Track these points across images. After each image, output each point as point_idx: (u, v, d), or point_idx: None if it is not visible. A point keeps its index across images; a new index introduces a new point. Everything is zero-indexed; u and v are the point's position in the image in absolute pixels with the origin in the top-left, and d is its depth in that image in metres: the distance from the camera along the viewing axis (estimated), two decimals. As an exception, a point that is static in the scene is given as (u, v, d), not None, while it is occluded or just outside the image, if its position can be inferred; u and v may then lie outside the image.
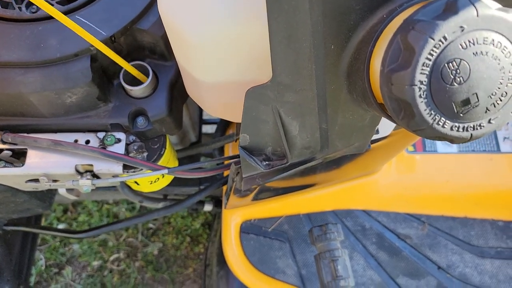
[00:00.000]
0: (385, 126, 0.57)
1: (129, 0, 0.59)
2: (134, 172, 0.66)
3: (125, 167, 0.65)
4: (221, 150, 1.01)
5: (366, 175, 0.93)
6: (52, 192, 0.86)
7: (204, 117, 1.07)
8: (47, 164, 0.62)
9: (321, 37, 0.36)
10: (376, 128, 0.50)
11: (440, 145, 0.97)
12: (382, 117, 0.48)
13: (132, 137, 0.66)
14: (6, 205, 0.77)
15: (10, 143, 0.63)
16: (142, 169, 0.65)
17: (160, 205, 1.00)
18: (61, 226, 1.49)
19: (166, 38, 0.61)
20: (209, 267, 1.19)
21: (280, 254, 0.89)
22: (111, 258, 1.45)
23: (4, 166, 0.63)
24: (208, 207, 1.07)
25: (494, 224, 0.95)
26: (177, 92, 0.67)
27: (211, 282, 1.16)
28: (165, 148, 0.69)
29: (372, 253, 0.90)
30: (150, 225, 1.48)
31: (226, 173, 0.95)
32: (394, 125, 0.57)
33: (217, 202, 1.09)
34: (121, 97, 0.64)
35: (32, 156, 0.63)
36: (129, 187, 0.95)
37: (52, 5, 0.58)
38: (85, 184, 0.63)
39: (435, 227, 0.93)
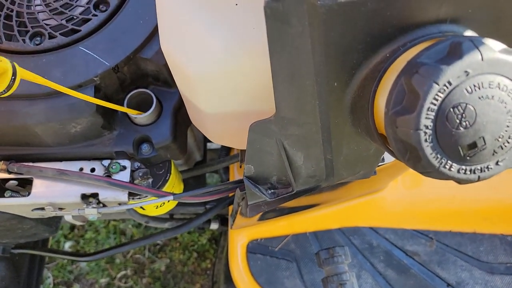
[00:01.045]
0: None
1: (132, 30, 0.59)
2: (139, 198, 0.66)
3: (131, 194, 0.64)
4: (227, 167, 1.00)
5: (373, 192, 0.93)
6: (58, 217, 0.86)
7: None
8: (52, 193, 0.62)
9: (324, 75, 0.35)
10: (382, 157, 0.50)
11: (446, 160, 0.96)
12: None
13: (137, 164, 0.66)
14: (13, 232, 0.77)
15: (16, 173, 0.63)
16: (147, 196, 0.65)
17: (167, 225, 0.99)
18: (68, 244, 1.49)
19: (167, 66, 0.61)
20: (216, 285, 1.19)
21: (287, 274, 0.88)
22: (119, 275, 1.45)
23: (11, 196, 0.64)
24: (214, 226, 1.07)
25: (503, 239, 0.93)
26: (181, 118, 0.67)
27: (219, 300, 1.16)
28: (170, 174, 0.68)
29: (380, 271, 0.89)
30: (157, 242, 1.48)
31: (232, 193, 0.95)
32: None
33: (223, 220, 1.09)
34: (126, 124, 0.64)
35: (38, 185, 0.63)
36: (134, 210, 0.95)
37: (56, 36, 0.58)
38: (91, 213, 0.62)
39: (443, 243, 0.92)
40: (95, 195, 0.63)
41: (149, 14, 0.60)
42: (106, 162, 0.64)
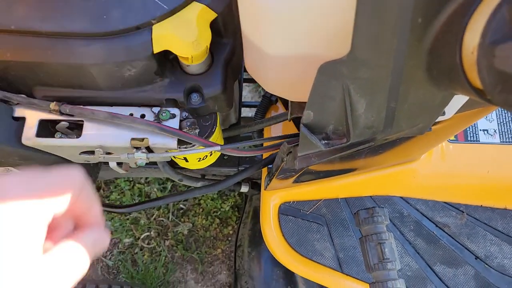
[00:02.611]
0: (451, 108, 0.55)
1: (191, -24, 0.58)
2: (186, 148, 0.66)
3: (179, 142, 0.65)
4: (260, 133, 1.00)
5: (406, 162, 0.92)
6: (97, 167, 0.87)
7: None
8: (103, 136, 0.63)
9: (410, 9, 0.34)
10: (443, 110, 0.49)
11: (482, 135, 0.94)
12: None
13: (184, 114, 0.66)
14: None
15: (67, 115, 0.63)
16: (194, 145, 0.65)
17: (199, 184, 1.00)
18: (94, 203, 1.51)
19: (224, 15, 0.60)
20: (240, 248, 1.20)
21: (318, 236, 0.89)
22: (142, 236, 1.47)
23: (61, 137, 0.64)
24: (244, 188, 1.07)
25: (534, 216, 0.92)
26: (230, 70, 0.67)
27: (243, 263, 1.17)
28: (216, 126, 0.68)
29: (409, 240, 0.89)
30: (181, 206, 1.49)
31: (265, 155, 0.95)
32: (458, 107, 0.55)
33: (253, 184, 1.09)
34: (177, 73, 0.64)
35: (89, 128, 0.63)
36: (169, 165, 0.95)
37: (116, -21, 0.57)
38: (140, 157, 0.63)
39: (473, 217, 0.92)
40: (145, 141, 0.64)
41: (208, -40, 0.59)
42: (156, 109, 0.64)
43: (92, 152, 0.67)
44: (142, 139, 0.64)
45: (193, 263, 1.44)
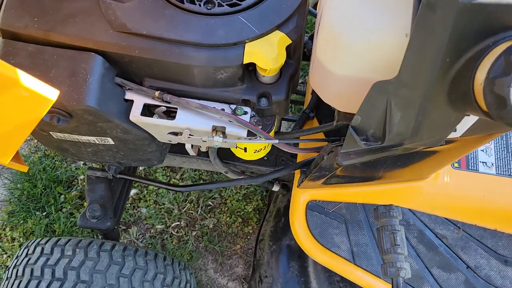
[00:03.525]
0: (460, 127, 0.71)
1: (278, 9, 0.77)
2: (251, 138, 0.83)
3: (247, 133, 0.82)
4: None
5: (417, 180, 1.08)
6: (166, 150, 1.04)
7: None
8: (192, 121, 0.80)
9: (443, 52, 0.52)
10: (455, 128, 0.66)
11: (481, 166, 1.10)
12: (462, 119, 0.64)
13: (253, 113, 0.83)
14: (137, 153, 0.95)
15: (166, 102, 0.81)
16: (258, 137, 0.82)
17: (241, 177, 1.16)
18: (133, 191, 1.67)
19: (296, 42, 0.79)
20: (262, 242, 1.35)
21: (337, 231, 1.04)
22: (173, 224, 1.62)
23: (158, 118, 0.82)
24: (276, 187, 1.23)
25: (519, 240, 1.07)
26: (292, 85, 0.84)
27: (263, 254, 1.32)
28: (274, 126, 0.86)
29: (413, 245, 1.04)
30: (209, 203, 1.65)
31: (299, 158, 1.12)
32: (466, 128, 0.72)
33: (283, 185, 1.25)
34: (253, 81, 0.82)
35: (181, 114, 0.81)
36: (219, 160, 1.12)
37: (223, 5, 0.76)
38: (217, 140, 0.80)
39: (468, 233, 1.07)
40: (222, 128, 0.81)
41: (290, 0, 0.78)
42: (233, 106, 0.81)
43: (177, 134, 0.84)
44: (221, 127, 0.81)
45: (214, 255, 1.58)
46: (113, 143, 0.90)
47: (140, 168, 1.73)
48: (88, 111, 0.75)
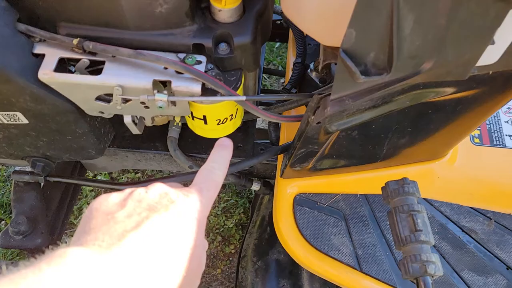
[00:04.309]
0: (498, 46, 0.52)
1: None
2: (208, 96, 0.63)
3: (203, 92, 0.62)
4: (276, 126, 0.97)
5: (431, 160, 0.88)
6: (108, 137, 0.83)
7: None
8: (124, 76, 0.60)
9: None
10: (492, 39, 0.46)
11: (508, 140, 0.91)
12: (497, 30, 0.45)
13: (210, 65, 0.64)
14: (63, 137, 0.74)
15: (89, 53, 0.61)
16: (218, 96, 0.62)
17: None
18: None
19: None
20: (244, 259, 1.12)
21: (335, 231, 0.82)
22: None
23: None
24: (256, 186, 1.02)
25: None
26: (260, 27, 0.65)
27: (246, 274, 1.08)
28: (241, 83, 0.66)
29: (434, 243, 0.82)
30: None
31: (282, 135, 0.91)
32: (505, 47, 0.53)
33: (265, 183, 1.04)
34: (207, 20, 0.63)
35: (110, 68, 0.61)
36: (181, 151, 0.91)
37: None
38: (161, 99, 0.60)
39: (502, 225, 0.86)
40: (167, 83, 0.61)
41: None
42: (181, 55, 0.62)
43: (109, 101, 0.64)
44: (165, 82, 0.61)
45: (190, 282, 1.33)
46: (28, 122, 0.69)
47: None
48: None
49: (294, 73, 0.93)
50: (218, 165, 0.45)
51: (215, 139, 0.98)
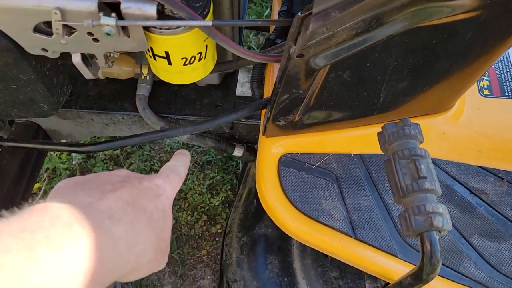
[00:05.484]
0: None
1: None
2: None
3: (159, 16, 0.52)
4: (260, 83, 0.87)
5: (434, 114, 0.78)
6: (63, 90, 0.73)
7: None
8: (63, -5, 0.50)
9: None
10: None
11: (522, 91, 0.82)
12: None
13: (170, -13, 0.54)
14: (7, 85, 0.64)
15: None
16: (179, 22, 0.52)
17: (185, 137, 0.86)
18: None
19: None
20: (229, 235, 1.03)
21: (326, 194, 0.73)
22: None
23: (10, -1, 0.51)
24: (238, 152, 0.92)
25: None
26: None
27: (231, 251, 0.99)
28: (209, 10, 0.56)
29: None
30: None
31: (266, 93, 0.82)
32: None
33: (249, 148, 0.94)
34: None
35: (46, -13, 0.51)
36: (151, 111, 0.82)
37: None
38: (108, 23, 0.50)
39: (516, 185, 0.77)
40: (115, 5, 0.51)
41: None
42: (134, -28, 0.52)
43: (50, 33, 0.54)
44: (113, 5, 0.51)
45: (172, 265, 1.24)
46: (-41, 66, 0.59)
47: (75, 161, 1.40)
48: None
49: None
50: (180, 163, 0.49)
51: (191, 98, 0.88)
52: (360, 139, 0.78)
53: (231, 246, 1.00)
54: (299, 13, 0.49)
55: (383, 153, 0.57)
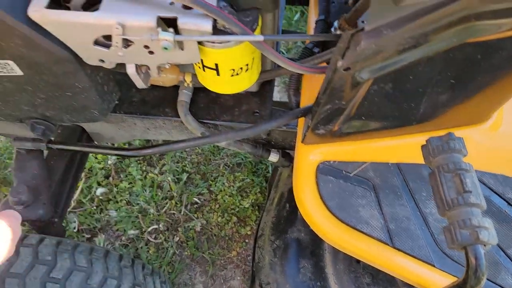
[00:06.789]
0: None
1: None
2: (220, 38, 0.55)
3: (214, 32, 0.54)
4: (296, 91, 0.89)
5: (472, 125, 0.79)
6: (112, 97, 0.76)
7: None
8: (124, 12, 0.53)
9: None
10: None
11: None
12: None
13: (222, 3, 0.56)
14: (62, 92, 0.68)
15: (85, -13, 0.54)
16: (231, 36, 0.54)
17: (223, 138, 0.88)
18: (100, 190, 1.39)
19: None
20: (261, 238, 1.05)
21: (363, 202, 0.74)
22: (149, 229, 1.32)
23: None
24: (274, 157, 0.94)
25: None
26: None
27: (263, 254, 1.01)
28: (257, 24, 0.58)
29: (476, 217, 0.73)
30: (195, 200, 1.36)
31: (303, 101, 0.83)
32: None
33: (284, 153, 0.96)
34: None
35: (108, 4, 0.54)
36: (192, 117, 0.84)
37: None
38: (166, 38, 0.52)
39: (555, 198, 0.76)
40: (172, 21, 0.53)
41: None
42: (190, -11, 0.54)
43: (109, 45, 0.57)
44: (170, 21, 0.53)
45: (203, 265, 1.27)
46: (22, 74, 0.63)
47: (111, 161, 1.45)
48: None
49: (316, 31, 0.84)
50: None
51: (229, 104, 0.91)
52: (397, 148, 0.79)
53: (264, 248, 1.02)
54: (335, 25, 0.50)
55: (420, 163, 0.58)
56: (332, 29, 0.86)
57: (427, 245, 0.71)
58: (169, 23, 0.54)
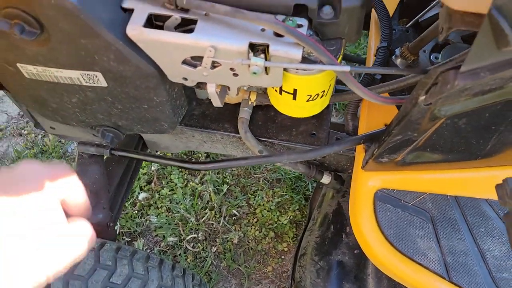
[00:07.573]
0: None
1: None
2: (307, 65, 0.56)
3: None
4: (355, 114, 0.89)
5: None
6: (181, 111, 0.78)
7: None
8: (218, 36, 0.55)
9: None
10: None
11: None
12: None
13: (309, 31, 0.57)
14: (140, 105, 0.70)
15: (182, 10, 0.56)
16: (317, 64, 0.56)
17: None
18: (142, 195, 1.41)
19: None
20: (304, 257, 1.05)
21: (421, 233, 0.74)
22: (188, 237, 1.34)
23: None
24: (326, 179, 0.94)
25: None
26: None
27: (306, 273, 1.01)
28: (341, 54, 0.59)
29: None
30: (234, 212, 1.37)
31: (361, 127, 0.83)
32: None
33: (336, 176, 0.96)
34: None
35: (202, 27, 0.56)
36: (251, 134, 0.86)
37: None
38: (257, 63, 0.54)
39: None
40: (264, 47, 0.55)
41: None
42: (280, 17, 0.56)
43: (196, 65, 0.59)
44: (259, 46, 0.55)
45: (239, 278, 1.28)
46: (106, 85, 0.66)
47: (154, 167, 1.47)
48: (63, 9, 0.51)
49: (378, 58, 0.85)
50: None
51: (287, 124, 0.92)
52: (457, 181, 0.78)
53: (306, 268, 1.02)
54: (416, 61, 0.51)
55: (479, 197, 0.57)
56: (393, 57, 0.87)
57: (484, 282, 0.70)
58: (257, 48, 0.56)
